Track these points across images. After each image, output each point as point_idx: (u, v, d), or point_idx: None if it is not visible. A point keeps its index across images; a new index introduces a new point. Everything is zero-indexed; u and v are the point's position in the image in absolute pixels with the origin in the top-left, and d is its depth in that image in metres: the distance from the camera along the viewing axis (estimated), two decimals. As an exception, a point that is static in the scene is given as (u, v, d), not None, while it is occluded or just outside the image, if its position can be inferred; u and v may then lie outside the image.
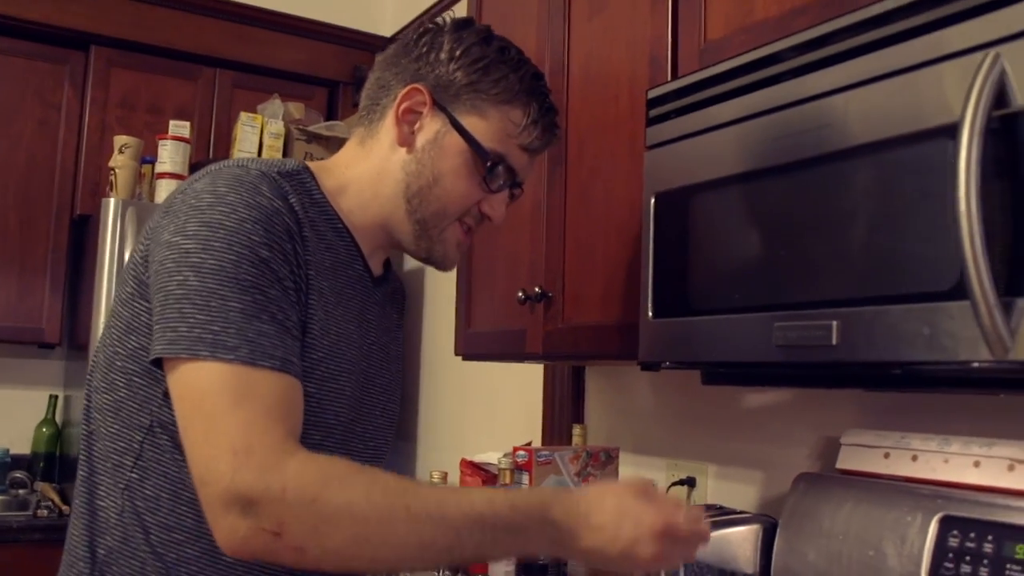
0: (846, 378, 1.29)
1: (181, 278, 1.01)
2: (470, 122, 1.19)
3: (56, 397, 3.49)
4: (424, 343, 3.35)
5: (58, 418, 3.49)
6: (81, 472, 1.14)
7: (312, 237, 1.11)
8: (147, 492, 1.07)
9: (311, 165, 1.20)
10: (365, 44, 3.84)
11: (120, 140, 3.03)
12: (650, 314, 1.47)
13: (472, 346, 2.15)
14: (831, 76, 1.21)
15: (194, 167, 3.10)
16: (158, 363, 1.04)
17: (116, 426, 1.09)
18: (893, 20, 1.14)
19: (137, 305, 1.08)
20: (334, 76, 3.78)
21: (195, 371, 0.98)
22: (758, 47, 1.34)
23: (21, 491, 3.25)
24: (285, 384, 1.00)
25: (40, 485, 3.29)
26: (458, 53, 1.19)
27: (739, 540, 1.62)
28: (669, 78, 1.57)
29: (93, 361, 1.16)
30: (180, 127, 3.06)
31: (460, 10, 2.93)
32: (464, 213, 1.22)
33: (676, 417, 2.08)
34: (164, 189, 2.99)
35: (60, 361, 3.57)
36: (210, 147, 3.48)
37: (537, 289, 1.86)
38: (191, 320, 0.99)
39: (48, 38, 3.36)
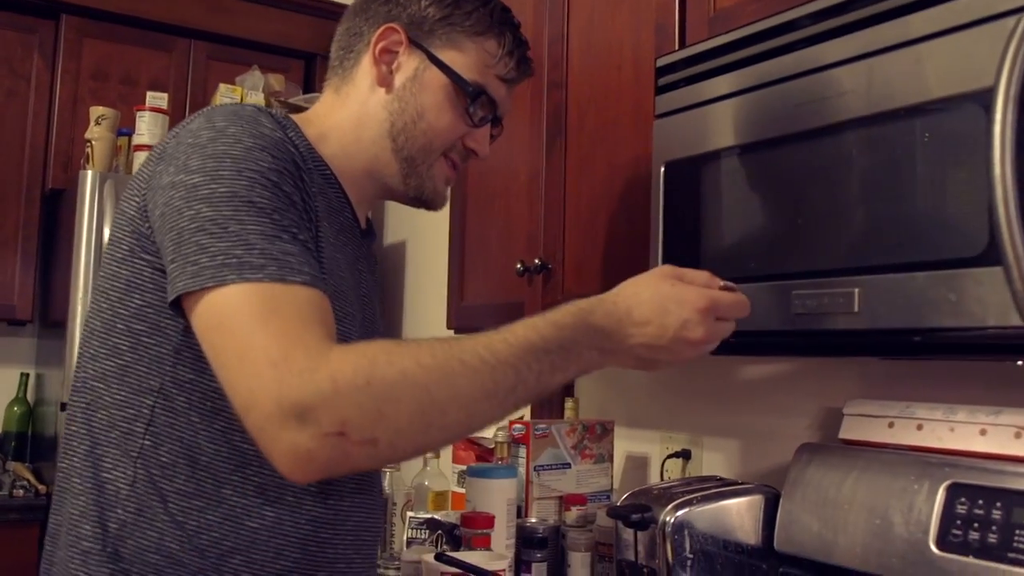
0: (864, 346, 1.30)
1: (192, 212, 0.96)
2: (448, 56, 1.20)
3: (27, 375, 3.42)
4: (406, 316, 3.32)
5: (30, 396, 3.42)
6: (79, 447, 1.07)
7: (313, 178, 1.09)
8: (162, 459, 1.03)
9: (293, 116, 1.18)
10: (341, 15, 3.78)
11: (96, 111, 2.96)
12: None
13: (466, 319, 2.14)
14: (851, 43, 1.20)
15: (171, 139, 3.04)
16: (176, 307, 0.98)
17: (123, 393, 1.04)
18: (915, -13, 1.13)
19: (138, 261, 1.04)
20: (310, 48, 3.71)
21: (222, 297, 0.92)
22: (772, 15, 1.33)
23: (-7, 471, 3.19)
24: (317, 297, 0.95)
25: (12, 464, 3.22)
26: None
27: (740, 511, 1.62)
28: (677, 47, 1.56)
29: (87, 330, 1.11)
30: (158, 98, 3.00)
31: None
32: (449, 148, 1.23)
33: (669, 389, 2.09)
34: (142, 161, 2.93)
35: (31, 339, 3.50)
36: (186, 119, 3.41)
37: (536, 261, 1.85)
38: (212, 250, 0.94)
39: (16, 6, 3.27)
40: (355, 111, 1.22)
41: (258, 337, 0.90)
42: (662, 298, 1.03)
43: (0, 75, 3.25)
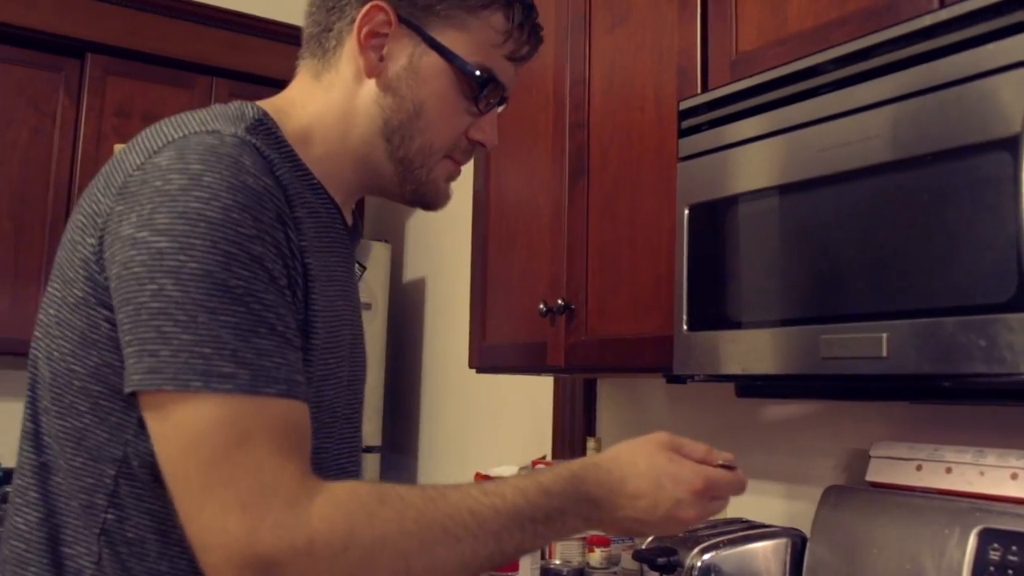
0: (894, 391, 1.29)
1: (155, 287, 0.82)
2: (448, 37, 1.02)
3: (49, 409, 3.43)
4: (426, 354, 3.32)
5: (51, 431, 3.43)
6: (30, 514, 0.92)
7: (298, 211, 0.94)
8: (129, 535, 0.90)
9: (265, 107, 1.01)
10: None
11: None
12: (685, 327, 1.46)
13: (488, 359, 2.14)
14: (876, 88, 1.20)
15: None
16: (132, 393, 0.85)
17: (80, 459, 0.90)
18: (940, 33, 1.14)
19: (94, 313, 0.88)
20: (331, 85, 3.75)
21: (184, 405, 0.81)
22: (794, 60, 1.34)
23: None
24: (292, 411, 0.85)
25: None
26: None
27: (767, 554, 1.61)
28: (699, 90, 1.56)
29: (33, 374, 0.96)
30: (180, 136, 3.02)
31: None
32: (453, 148, 1.07)
33: (693, 430, 2.07)
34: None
35: (53, 373, 3.51)
36: (207, 156, 3.44)
37: (559, 301, 1.85)
38: (175, 342, 0.81)
39: (44, 45, 3.32)
40: (340, 104, 1.04)
41: (228, 470, 0.80)
42: (658, 473, 0.97)
43: (26, 113, 3.30)
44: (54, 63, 3.34)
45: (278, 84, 3.61)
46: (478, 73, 1.03)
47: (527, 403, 2.68)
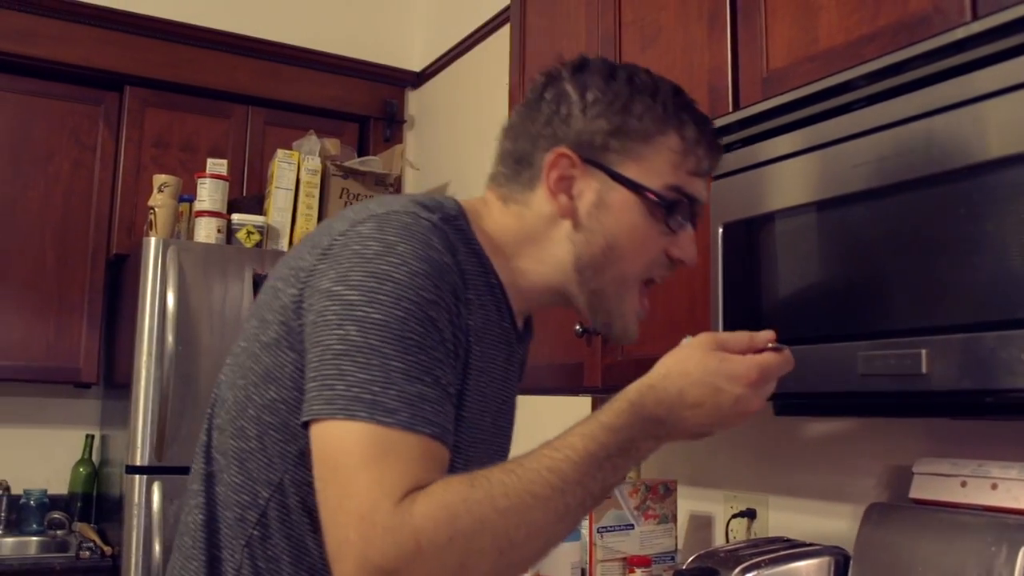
0: (934, 407, 1.28)
1: (343, 332, 0.92)
2: (630, 169, 1.07)
3: (92, 437, 3.49)
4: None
5: (95, 458, 3.48)
6: (198, 515, 1.07)
7: (472, 295, 1.03)
8: (268, 552, 1.02)
9: (464, 205, 1.11)
10: (395, 79, 3.86)
11: (159, 179, 3.04)
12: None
13: (526, 381, 2.13)
14: (910, 103, 1.20)
15: (231, 204, 3.11)
16: (305, 422, 0.95)
17: (241, 477, 1.03)
18: (973, 46, 1.13)
19: (283, 355, 1.00)
20: (364, 111, 3.80)
21: (345, 431, 0.89)
22: (826, 76, 1.33)
23: (59, 532, 3.24)
24: (438, 452, 0.92)
25: (78, 525, 3.27)
26: (590, 99, 1.08)
27: (809, 573, 1.59)
28: (731, 108, 1.57)
29: (216, 395, 1.10)
30: (218, 165, 3.08)
31: (500, 44, 2.95)
32: (647, 273, 1.12)
33: (733, 447, 2.06)
34: (203, 227, 3.00)
35: (96, 400, 3.57)
36: (244, 184, 3.50)
37: (594, 321, 1.85)
38: (350, 378, 0.90)
39: (83, 79, 3.40)
40: (531, 235, 1.11)
41: (356, 484, 0.87)
42: (713, 376, 0.99)
43: (68, 145, 3.37)
44: (94, 96, 3.42)
45: (312, 111, 3.71)
46: (666, 197, 1.07)
47: (566, 424, 2.67)
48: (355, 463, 0.88)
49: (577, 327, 1.88)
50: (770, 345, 1.03)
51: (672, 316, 1.70)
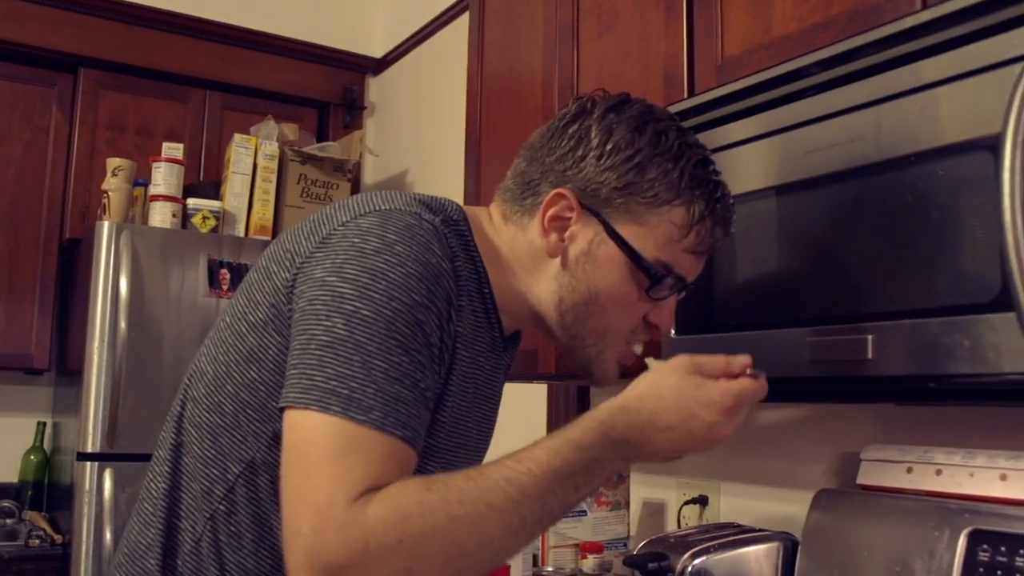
0: (880, 392, 1.29)
1: (329, 323, 0.93)
2: (627, 229, 1.06)
3: (44, 424, 3.43)
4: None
5: (46, 445, 3.43)
6: (161, 483, 1.07)
7: (464, 302, 1.04)
8: (232, 527, 1.02)
9: (467, 210, 1.11)
10: (355, 65, 3.84)
11: (113, 163, 2.99)
12: (672, 332, 1.46)
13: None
14: (860, 90, 1.21)
15: (187, 189, 3.07)
16: (281, 408, 0.96)
17: (212, 451, 1.03)
18: (923, 34, 1.14)
19: (269, 337, 1.00)
20: (324, 97, 3.77)
21: (318, 422, 0.89)
22: (779, 63, 1.34)
23: (9, 520, 3.19)
24: (405, 455, 0.91)
25: (28, 514, 3.22)
26: (608, 148, 1.06)
27: (758, 559, 1.61)
28: (686, 95, 1.57)
29: (196, 368, 1.09)
30: (174, 149, 3.04)
31: (460, 31, 2.93)
32: (626, 333, 1.11)
33: (686, 435, 2.07)
34: (158, 212, 2.96)
35: (48, 388, 3.51)
36: (201, 169, 3.46)
37: (549, 308, 1.85)
38: (328, 371, 0.91)
39: (37, 61, 3.33)
40: (521, 260, 1.11)
41: (317, 478, 0.87)
42: (688, 401, 0.98)
43: (20, 128, 3.31)
44: (47, 78, 3.36)
45: (271, 96, 3.65)
46: (653, 269, 1.06)
47: (521, 411, 2.68)
48: (320, 456, 0.88)
49: (532, 314, 1.88)
50: (748, 372, 1.02)
51: (626, 303, 1.70)
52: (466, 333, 1.04)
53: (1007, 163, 0.97)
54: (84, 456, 2.75)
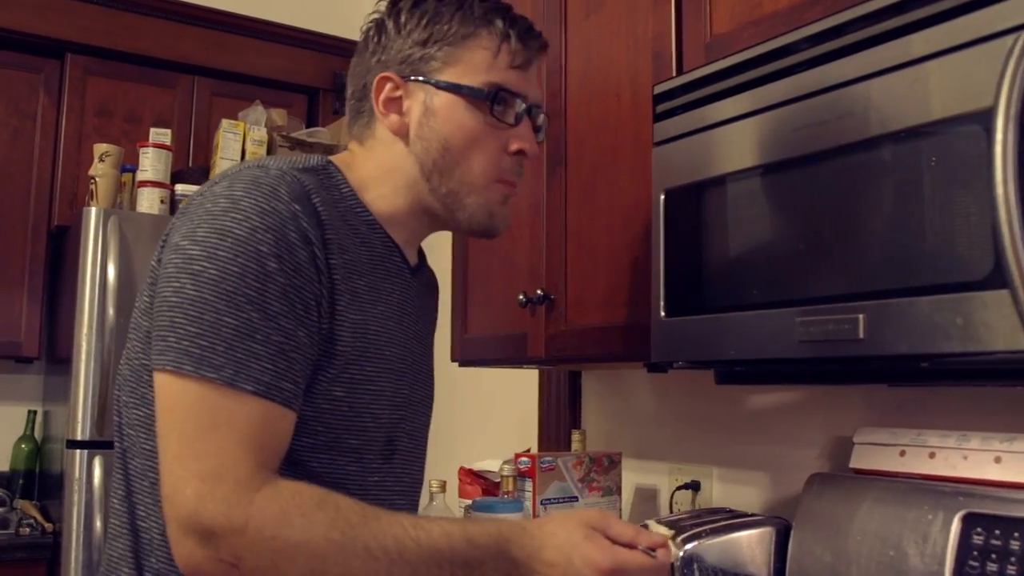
0: (871, 373, 1.27)
1: (178, 284, 0.97)
2: (449, 74, 1.14)
3: (35, 413, 3.40)
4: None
5: (37, 434, 3.40)
6: (118, 491, 1.11)
7: (341, 236, 1.07)
8: None
9: (334, 159, 1.17)
10: (344, 50, 3.78)
11: (100, 148, 2.96)
12: (662, 313, 1.44)
13: (470, 352, 2.12)
14: (850, 65, 1.18)
15: (176, 175, 3.04)
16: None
17: (151, 443, 1.04)
18: (913, 7, 1.12)
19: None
20: (313, 82, 3.73)
21: (177, 385, 0.95)
22: (769, 39, 1.31)
23: (0, 509, 3.17)
24: (267, 411, 0.97)
25: (20, 503, 3.20)
26: (403, 21, 1.16)
27: (751, 543, 1.59)
28: (674, 73, 1.54)
29: (119, 375, 1.12)
30: (161, 134, 3.00)
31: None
32: (497, 170, 1.16)
33: (678, 420, 2.06)
34: (146, 198, 2.93)
35: (39, 376, 3.49)
36: (189, 155, 3.42)
37: (539, 292, 1.83)
38: (180, 331, 0.96)
39: (22, 46, 3.29)
40: (383, 163, 1.17)
41: (198, 446, 0.94)
42: (572, 548, 1.01)
43: (7, 114, 3.27)
44: (33, 64, 3.31)
45: (260, 82, 3.60)
46: (485, 90, 1.13)
47: (512, 396, 2.66)
48: (194, 426, 0.94)
49: (520, 296, 1.86)
50: (645, 546, 1.04)
51: (614, 283, 1.68)
52: (349, 263, 1.08)
53: (999, 136, 0.95)
54: (73, 444, 2.72)
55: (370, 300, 1.10)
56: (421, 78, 1.14)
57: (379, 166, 1.17)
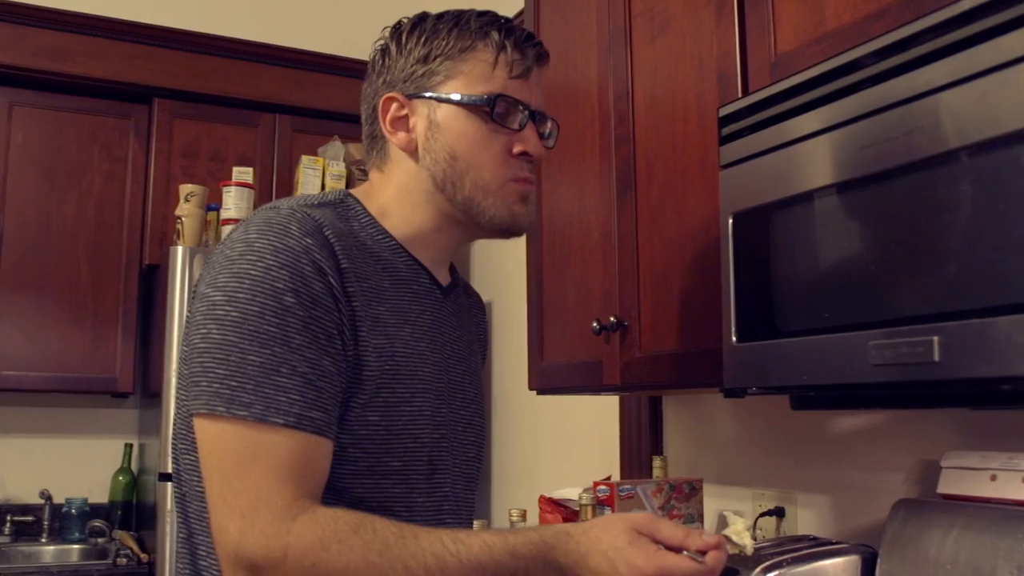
0: (949, 397, 1.22)
1: (205, 331, 1.03)
2: (450, 87, 1.17)
3: (131, 445, 3.52)
4: (495, 379, 3.31)
5: (133, 466, 3.52)
6: (180, 533, 1.14)
7: (358, 265, 1.11)
8: None
9: (354, 191, 1.22)
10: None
11: (185, 189, 3.06)
12: (733, 338, 1.41)
13: (546, 380, 2.11)
14: (916, 79, 1.15)
15: (258, 212, 3.12)
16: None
17: (203, 486, 1.06)
18: (978, 17, 1.08)
19: None
20: (391, 115, 3.79)
21: (213, 427, 1.00)
22: (833, 56, 1.29)
23: (100, 540, 3.28)
24: (299, 441, 1.00)
25: (118, 533, 3.31)
26: (404, 42, 1.20)
27: (836, 572, 1.54)
28: (740, 94, 1.52)
29: (175, 422, 1.15)
30: (243, 173, 3.09)
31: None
32: (508, 172, 1.18)
33: (760, 445, 2.01)
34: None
35: (134, 410, 3.61)
36: (272, 191, 3.51)
37: (612, 319, 1.82)
38: (210, 375, 1.00)
39: (114, 94, 3.44)
40: (400, 183, 1.21)
41: (237, 484, 0.98)
42: (615, 554, 1.00)
43: (100, 159, 3.41)
44: (124, 110, 3.46)
45: (338, 117, 3.70)
46: (483, 98, 1.16)
47: (594, 423, 2.64)
48: (230, 466, 0.99)
49: (594, 324, 1.85)
50: (694, 550, 1.01)
51: (686, 308, 1.66)
52: (373, 289, 1.11)
53: (1073, 149, 0.90)
54: (165, 476, 2.81)
55: (395, 323, 1.13)
56: (424, 94, 1.18)
57: (397, 188, 1.21)
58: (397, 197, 1.21)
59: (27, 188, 3.30)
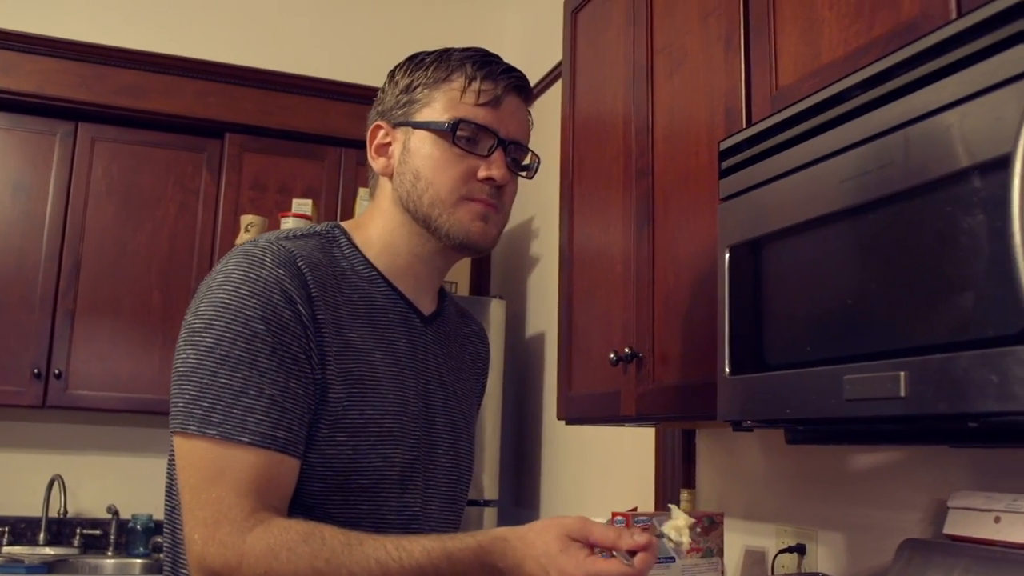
0: (916, 434, 1.20)
1: (184, 356, 1.10)
2: (424, 114, 1.24)
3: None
4: (545, 409, 3.33)
5: (199, 487, 3.63)
6: (166, 543, 1.22)
7: (331, 294, 1.17)
8: None
9: (344, 224, 1.28)
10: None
11: (246, 219, 3.18)
12: (727, 371, 1.41)
13: (572, 409, 2.12)
14: (891, 112, 1.15)
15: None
16: None
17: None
18: (950, 49, 1.07)
19: None
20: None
21: (187, 445, 1.08)
22: (824, 87, 1.29)
23: (159, 555, 3.38)
24: (263, 459, 1.07)
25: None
26: (396, 78, 1.28)
27: (844, 612, 1.51)
28: (744, 127, 1.53)
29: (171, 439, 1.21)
30: (303, 204, 3.20)
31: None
32: (464, 191, 1.22)
33: (785, 480, 1.98)
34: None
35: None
36: (336, 223, 3.61)
37: (627, 350, 1.82)
38: (186, 396, 1.08)
39: (187, 129, 3.60)
40: (383, 208, 1.28)
41: (203, 497, 1.06)
42: (547, 560, 1.03)
43: (174, 190, 3.58)
44: (197, 144, 3.61)
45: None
46: (446, 123, 1.22)
47: (633, 455, 2.64)
48: (200, 477, 1.06)
49: (611, 355, 1.86)
50: (616, 554, 1.03)
51: (691, 341, 1.66)
52: (344, 317, 1.17)
53: (1016, 183, 0.89)
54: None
55: (366, 349, 1.19)
56: (403, 121, 1.25)
57: (380, 213, 1.28)
58: (379, 223, 1.27)
59: (105, 218, 3.47)
